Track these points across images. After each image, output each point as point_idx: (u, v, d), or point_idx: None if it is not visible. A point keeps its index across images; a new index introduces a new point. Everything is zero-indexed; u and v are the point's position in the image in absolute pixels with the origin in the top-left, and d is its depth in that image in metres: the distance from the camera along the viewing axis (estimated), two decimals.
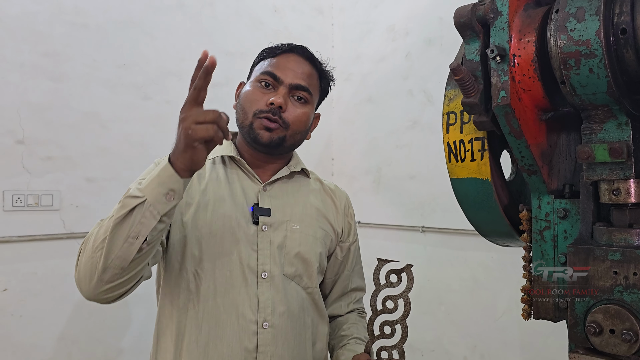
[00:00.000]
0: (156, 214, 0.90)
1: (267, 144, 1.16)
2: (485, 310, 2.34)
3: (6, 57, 1.95)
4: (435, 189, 2.54)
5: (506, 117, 0.80)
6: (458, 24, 0.85)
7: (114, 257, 0.91)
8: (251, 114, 1.16)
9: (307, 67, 1.23)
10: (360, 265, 1.39)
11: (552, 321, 0.87)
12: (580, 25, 0.73)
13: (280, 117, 1.16)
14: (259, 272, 1.13)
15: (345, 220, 1.34)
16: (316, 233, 1.23)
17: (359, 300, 1.37)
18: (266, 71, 1.19)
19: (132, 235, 0.90)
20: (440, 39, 2.56)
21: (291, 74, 1.19)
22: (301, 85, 1.19)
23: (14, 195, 1.96)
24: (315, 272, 1.22)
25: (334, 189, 1.37)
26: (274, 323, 1.12)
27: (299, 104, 1.20)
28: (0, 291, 1.94)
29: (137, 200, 0.91)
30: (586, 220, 0.81)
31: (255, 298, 1.12)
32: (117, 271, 0.92)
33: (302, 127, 1.21)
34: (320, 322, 1.25)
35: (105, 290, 0.95)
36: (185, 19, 2.51)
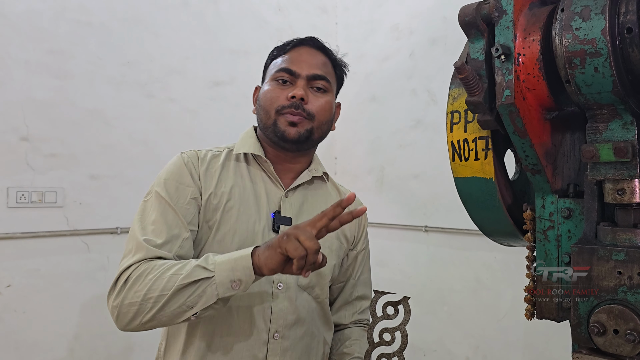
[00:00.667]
0: (216, 294, 0.93)
1: (295, 139, 1.14)
2: (488, 311, 2.34)
3: (11, 54, 1.96)
4: (438, 189, 2.54)
5: (510, 116, 0.80)
6: (462, 23, 0.84)
7: (164, 315, 0.95)
8: (273, 112, 1.14)
9: (320, 57, 1.21)
10: (368, 275, 1.36)
11: (555, 321, 0.87)
12: (585, 24, 0.72)
13: (303, 109, 1.14)
14: (275, 282, 1.13)
15: (358, 229, 1.32)
16: (332, 245, 1.22)
17: (364, 310, 1.34)
18: (281, 68, 1.17)
19: (187, 304, 0.94)
20: (444, 38, 2.55)
21: (306, 65, 1.17)
22: (318, 74, 1.18)
23: (18, 192, 1.97)
24: (328, 283, 1.22)
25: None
26: (284, 334, 1.12)
27: (320, 93, 1.18)
28: (3, 287, 1.95)
29: (206, 274, 0.94)
30: (590, 220, 0.80)
31: (269, 309, 1.11)
32: (161, 322, 0.96)
33: (327, 116, 1.19)
34: (326, 330, 1.24)
35: (144, 328, 0.99)
36: (189, 17, 2.51)
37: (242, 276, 0.93)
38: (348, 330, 1.30)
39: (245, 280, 0.93)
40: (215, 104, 2.46)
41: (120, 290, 0.99)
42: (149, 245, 1.01)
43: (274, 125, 1.14)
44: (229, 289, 0.93)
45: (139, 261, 1.00)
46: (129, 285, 0.98)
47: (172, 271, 0.95)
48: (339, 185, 1.36)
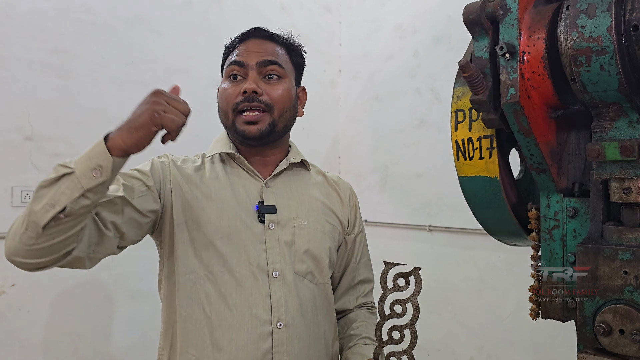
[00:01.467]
0: (80, 187, 0.87)
1: (257, 136, 1.13)
2: (493, 310, 2.33)
3: (15, 54, 1.96)
4: (442, 188, 2.53)
5: (515, 115, 0.79)
6: (467, 21, 0.84)
7: (32, 220, 0.88)
8: (230, 112, 1.14)
9: (269, 45, 1.19)
10: (367, 257, 1.36)
11: (560, 321, 0.86)
12: (591, 22, 0.72)
13: (259, 101, 1.12)
14: (270, 272, 1.12)
15: (350, 212, 1.31)
16: (324, 228, 1.22)
17: (367, 293, 1.34)
18: (230, 62, 1.16)
19: (50, 202, 0.87)
20: (448, 36, 2.54)
21: (254, 55, 1.15)
22: (268, 60, 1.15)
23: (22, 191, 1.97)
24: (327, 267, 1.20)
25: (338, 180, 1.35)
26: (288, 322, 1.11)
27: (274, 81, 1.16)
28: (8, 286, 1.95)
29: (66, 170, 0.89)
30: (596, 220, 0.80)
31: (268, 298, 1.10)
32: (33, 234, 0.88)
33: (286, 103, 1.17)
34: (331, 318, 1.24)
35: (24, 253, 0.91)
36: (192, 16, 2.51)
37: (100, 161, 0.88)
38: (353, 314, 1.30)
39: (105, 164, 0.88)
40: None
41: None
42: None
43: (233, 126, 1.14)
44: (92, 178, 0.87)
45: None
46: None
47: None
48: (325, 171, 1.36)
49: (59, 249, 0.91)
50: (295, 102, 1.22)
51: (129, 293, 2.24)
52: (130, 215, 1.05)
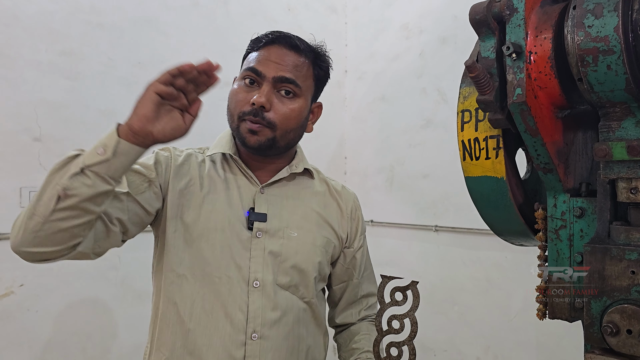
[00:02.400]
0: (80, 163, 0.87)
1: (255, 147, 1.10)
2: (499, 311, 2.33)
3: (24, 55, 1.98)
4: (448, 188, 2.53)
5: (522, 115, 0.79)
6: (473, 21, 0.84)
7: (41, 203, 0.87)
8: (236, 117, 1.11)
9: (292, 57, 1.13)
10: (370, 270, 1.32)
11: (567, 321, 0.86)
12: (598, 22, 0.72)
13: (263, 117, 1.08)
14: (251, 280, 1.09)
15: (351, 225, 1.27)
16: (315, 240, 1.18)
17: (371, 306, 1.31)
18: (248, 67, 1.12)
19: (59, 182, 0.87)
20: (454, 37, 2.54)
21: (274, 67, 1.10)
22: (285, 77, 1.10)
23: (30, 192, 1.99)
24: (313, 282, 1.16)
25: (341, 190, 1.29)
26: (263, 334, 1.07)
27: (287, 99, 1.11)
28: (17, 287, 1.97)
29: (74, 153, 0.90)
30: (603, 219, 0.80)
31: (245, 307, 1.07)
32: (40, 219, 0.87)
33: (292, 124, 1.12)
34: (318, 333, 1.20)
35: (29, 241, 0.90)
36: (199, 18, 2.52)
37: (106, 140, 0.89)
38: (355, 327, 1.27)
39: (109, 143, 0.88)
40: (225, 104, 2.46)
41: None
42: None
43: (237, 130, 1.11)
44: (94, 155, 0.87)
45: None
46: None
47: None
48: (329, 179, 1.31)
49: (65, 239, 0.91)
50: (304, 122, 1.17)
51: (136, 293, 2.25)
52: (134, 212, 1.05)
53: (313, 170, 1.25)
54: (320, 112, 1.26)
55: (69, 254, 0.94)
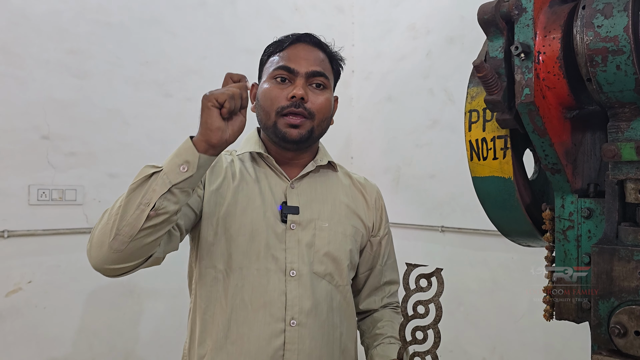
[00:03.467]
0: (167, 182, 0.91)
1: (296, 140, 1.15)
2: (505, 312, 2.32)
3: (32, 54, 1.99)
4: (455, 189, 2.52)
5: (530, 115, 0.79)
6: (482, 21, 0.84)
7: (125, 223, 0.91)
8: (274, 113, 1.15)
9: (317, 53, 1.21)
10: (393, 259, 1.38)
11: (574, 322, 0.86)
12: (607, 22, 0.71)
13: (304, 108, 1.14)
14: (287, 270, 1.14)
15: (376, 215, 1.33)
16: (346, 230, 1.23)
17: (393, 294, 1.35)
18: (279, 66, 1.17)
19: (144, 202, 0.91)
20: (461, 37, 2.54)
21: (304, 62, 1.17)
22: (317, 71, 1.18)
23: (39, 190, 2.00)
24: (346, 269, 1.21)
25: (364, 183, 1.36)
26: (301, 321, 1.12)
27: (319, 91, 1.19)
28: (25, 283, 1.98)
29: (154, 169, 0.93)
30: (611, 220, 0.79)
31: (283, 296, 1.12)
32: (126, 239, 0.91)
33: (326, 113, 1.20)
34: (350, 320, 1.24)
35: (113, 259, 0.94)
36: (206, 17, 2.53)
37: (187, 156, 0.92)
38: (378, 313, 1.31)
39: (192, 159, 0.92)
40: None
41: (91, 234, 0.99)
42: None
43: (274, 127, 1.16)
44: (179, 173, 0.92)
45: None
46: (97, 224, 0.98)
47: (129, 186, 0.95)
48: (352, 172, 1.37)
49: (147, 252, 0.96)
50: (332, 113, 1.25)
51: (143, 290, 2.26)
52: (187, 215, 1.11)
53: (336, 164, 1.32)
54: (337, 106, 1.32)
55: (145, 262, 1.00)
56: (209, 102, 0.92)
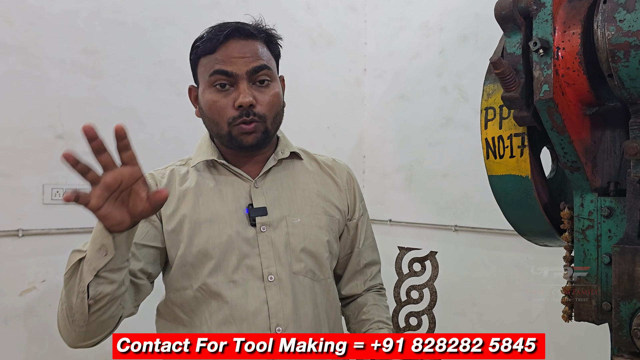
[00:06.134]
0: (92, 269, 0.88)
1: (253, 145, 1.09)
2: (520, 313, 2.29)
3: (48, 54, 2.01)
4: (468, 188, 2.50)
5: (549, 112, 0.78)
6: (499, 17, 0.83)
7: (74, 311, 0.91)
8: (225, 124, 1.07)
9: (253, 45, 1.10)
10: (372, 239, 1.31)
11: (594, 324, 0.84)
12: (630, 16, 0.70)
13: (254, 114, 1.06)
14: (265, 276, 1.08)
15: (349, 197, 1.25)
16: (320, 222, 1.17)
17: (375, 275, 1.30)
18: (214, 71, 1.06)
19: (80, 290, 0.89)
20: (475, 34, 2.51)
21: (241, 61, 1.06)
22: (258, 66, 1.07)
23: (53, 189, 2.02)
24: (326, 262, 1.16)
25: (332, 164, 1.28)
26: (287, 326, 1.07)
27: (265, 88, 1.09)
28: (39, 282, 1.99)
29: (80, 255, 0.91)
30: (633, 219, 0.78)
31: (265, 305, 1.07)
32: (82, 323, 0.92)
33: (277, 108, 1.11)
34: (335, 312, 1.20)
35: (82, 337, 0.96)
36: (220, 16, 2.51)
37: (102, 240, 0.87)
38: (362, 298, 1.26)
39: (107, 242, 0.87)
40: None
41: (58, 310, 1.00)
42: None
43: (228, 136, 1.08)
44: (100, 258, 0.87)
45: None
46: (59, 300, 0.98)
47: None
48: (318, 155, 1.29)
49: (111, 324, 0.98)
50: (283, 100, 1.16)
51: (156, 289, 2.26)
52: (149, 255, 1.07)
53: (300, 152, 1.24)
54: (284, 85, 1.21)
55: (117, 326, 1.01)
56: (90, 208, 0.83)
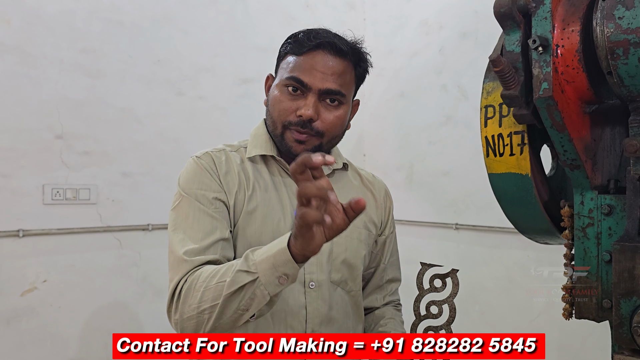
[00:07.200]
0: (266, 294, 0.91)
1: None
2: (521, 310, 2.29)
3: (46, 54, 2.01)
4: (469, 186, 2.50)
5: (548, 110, 0.77)
6: (498, 14, 0.82)
7: (224, 322, 0.94)
8: (280, 125, 1.09)
9: (337, 64, 1.09)
10: (396, 256, 1.34)
11: (595, 321, 0.84)
12: (629, 13, 0.69)
13: (311, 128, 1.07)
14: (307, 282, 1.10)
15: (384, 213, 1.29)
16: (360, 235, 1.20)
17: (394, 292, 1.33)
18: (292, 76, 1.08)
19: (242, 307, 0.92)
20: (475, 32, 2.51)
21: (320, 77, 1.07)
22: (332, 89, 1.07)
23: (53, 189, 2.02)
24: (360, 275, 1.19)
25: (373, 180, 1.31)
26: (320, 331, 1.10)
27: (332, 107, 1.09)
28: (40, 282, 2.00)
29: (249, 277, 0.91)
30: (633, 217, 0.77)
31: (304, 309, 1.09)
32: (226, 330, 0.95)
33: (338, 130, 1.12)
34: (359, 323, 1.23)
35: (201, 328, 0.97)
36: (218, 15, 2.53)
37: (286, 269, 0.88)
38: (380, 311, 1.29)
39: (291, 273, 0.89)
40: (244, 101, 2.48)
41: (176, 306, 0.99)
42: (191, 257, 1.01)
43: (281, 137, 1.10)
44: (277, 285, 0.90)
45: (185, 274, 1.00)
46: (182, 300, 0.98)
47: (217, 279, 0.94)
48: (360, 169, 1.31)
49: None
50: (346, 125, 1.17)
51: (157, 289, 2.27)
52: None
53: (348, 164, 1.27)
54: (357, 109, 1.24)
55: None
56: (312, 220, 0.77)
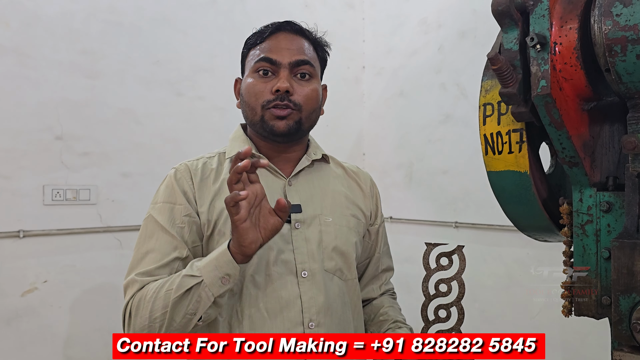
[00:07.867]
0: (210, 295, 0.95)
1: (285, 132, 1.10)
2: (521, 308, 2.30)
3: (45, 55, 2.01)
4: (468, 184, 2.50)
5: (546, 108, 0.78)
6: (496, 12, 0.82)
7: (174, 329, 0.97)
8: (259, 108, 1.11)
9: (300, 41, 1.15)
10: (387, 246, 1.36)
11: (594, 318, 0.84)
12: (627, 10, 0.69)
13: (289, 100, 1.09)
14: (299, 272, 1.10)
15: (372, 203, 1.30)
16: (349, 223, 1.20)
17: (389, 281, 1.35)
18: (260, 58, 1.11)
19: (190, 312, 0.96)
20: (474, 30, 2.51)
21: (287, 52, 1.11)
22: (301, 60, 1.12)
23: (53, 190, 2.02)
24: (354, 262, 1.19)
25: (357, 171, 1.32)
26: (319, 322, 1.09)
27: (304, 81, 1.13)
28: (40, 283, 2.00)
29: (194, 280, 0.95)
30: (631, 214, 0.78)
31: (298, 299, 1.09)
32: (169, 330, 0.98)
33: (314, 104, 1.15)
34: (360, 313, 1.23)
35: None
36: (216, 15, 2.53)
37: (227, 270, 0.94)
38: (378, 301, 1.30)
39: (233, 272, 0.95)
40: None
41: (129, 323, 1.02)
42: (143, 277, 1.04)
43: (261, 121, 1.11)
44: (220, 286, 0.95)
45: (134, 294, 1.03)
46: (134, 315, 1.01)
47: (165, 288, 0.97)
48: (342, 162, 1.33)
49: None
50: (321, 102, 1.20)
51: None
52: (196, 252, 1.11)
53: (328, 156, 1.28)
54: (326, 95, 1.26)
55: None
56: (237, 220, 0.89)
